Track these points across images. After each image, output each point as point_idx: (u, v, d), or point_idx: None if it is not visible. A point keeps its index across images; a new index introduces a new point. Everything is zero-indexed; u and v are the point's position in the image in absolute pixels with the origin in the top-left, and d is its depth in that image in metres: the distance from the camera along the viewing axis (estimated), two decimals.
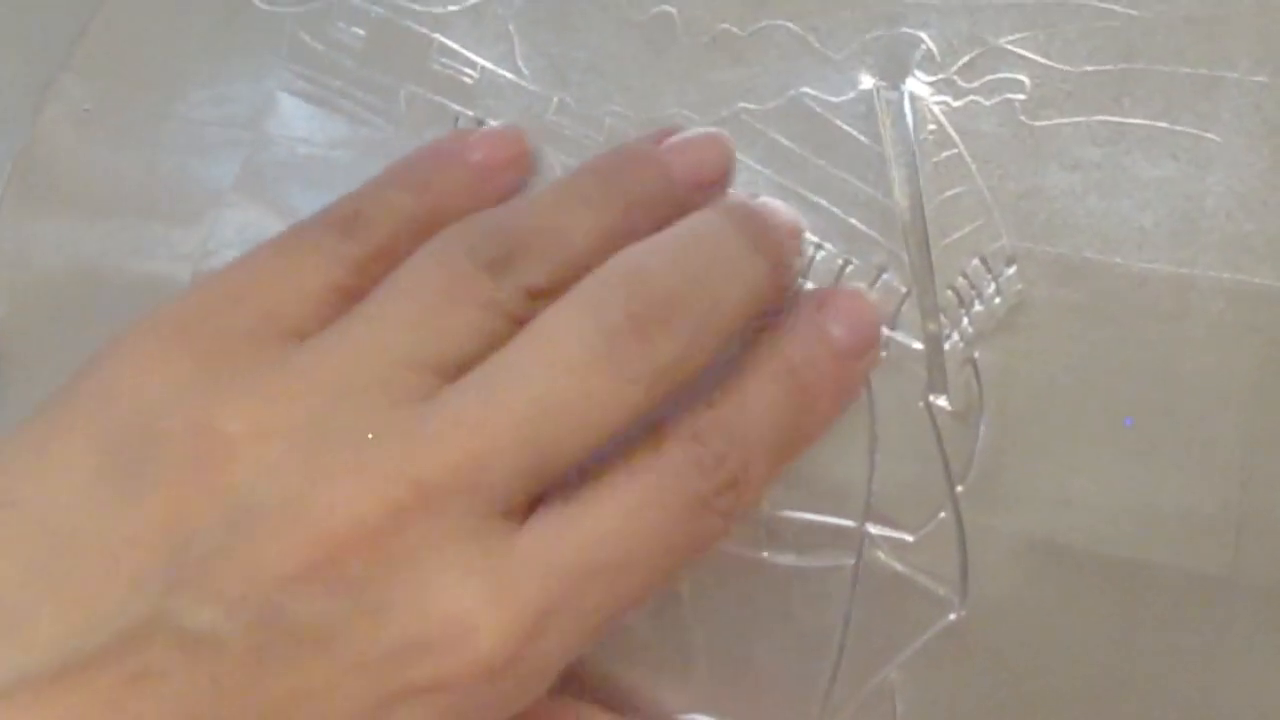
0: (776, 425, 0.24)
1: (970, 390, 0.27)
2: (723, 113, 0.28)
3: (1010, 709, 0.27)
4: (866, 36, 0.28)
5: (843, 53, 0.28)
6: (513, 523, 0.22)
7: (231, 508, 0.21)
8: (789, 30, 0.28)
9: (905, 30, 0.28)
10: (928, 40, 0.28)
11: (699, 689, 0.27)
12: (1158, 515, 0.27)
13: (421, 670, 0.21)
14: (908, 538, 0.27)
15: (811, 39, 0.28)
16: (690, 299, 0.23)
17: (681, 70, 0.28)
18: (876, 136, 0.27)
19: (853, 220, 0.28)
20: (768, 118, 0.28)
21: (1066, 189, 0.27)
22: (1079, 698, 0.27)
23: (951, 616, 0.27)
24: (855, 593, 0.27)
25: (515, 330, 0.23)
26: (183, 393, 0.22)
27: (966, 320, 0.27)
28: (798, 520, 0.27)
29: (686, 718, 0.27)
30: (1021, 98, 0.27)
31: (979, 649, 0.27)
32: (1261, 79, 0.27)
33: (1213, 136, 0.27)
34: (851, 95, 0.28)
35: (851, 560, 0.27)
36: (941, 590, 0.27)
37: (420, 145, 0.27)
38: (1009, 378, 0.27)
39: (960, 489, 0.27)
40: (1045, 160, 0.27)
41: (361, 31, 0.28)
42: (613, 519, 0.22)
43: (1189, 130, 0.27)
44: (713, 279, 0.23)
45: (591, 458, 0.23)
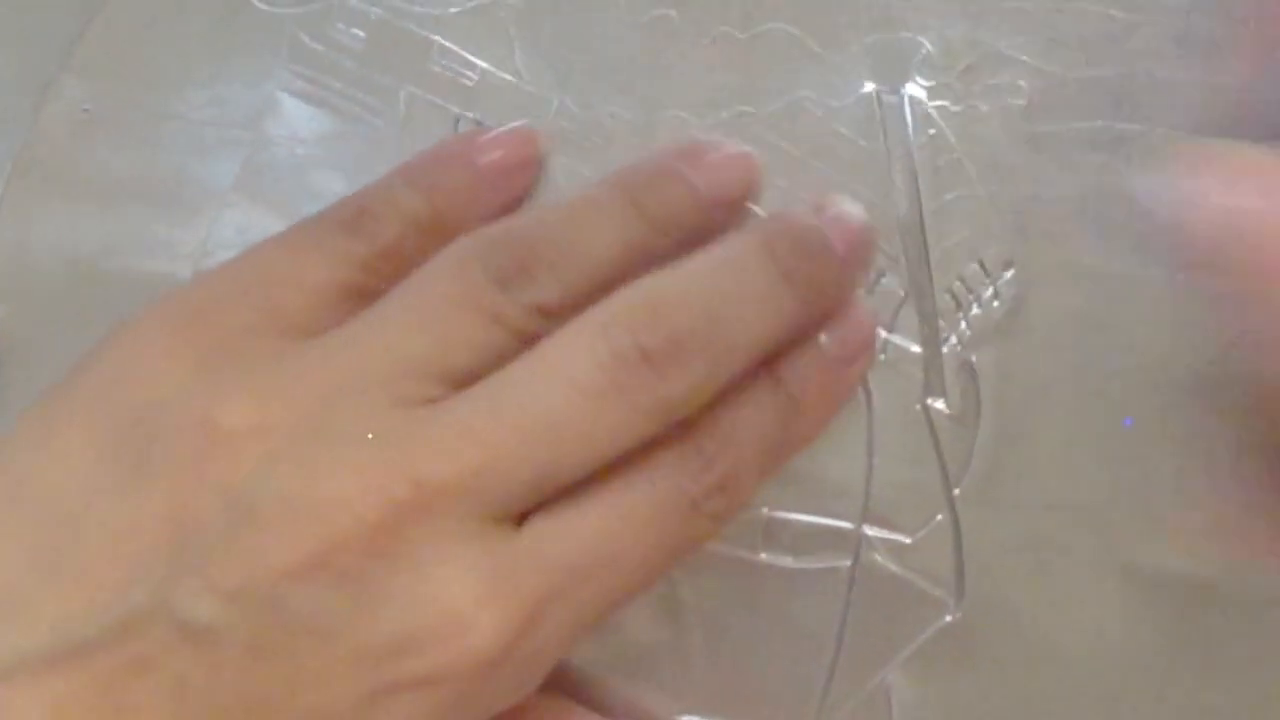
0: (766, 431, 0.24)
1: (968, 393, 0.27)
2: (722, 115, 0.28)
3: (1007, 710, 0.27)
4: (866, 40, 0.28)
5: (842, 56, 0.28)
6: (510, 526, 0.22)
7: (232, 499, 0.21)
8: (789, 34, 0.28)
9: (905, 34, 0.28)
10: (927, 44, 0.28)
11: (697, 690, 0.27)
12: (1154, 518, 0.27)
13: (417, 663, 0.21)
14: (905, 540, 0.27)
15: (811, 42, 0.28)
16: (707, 336, 0.23)
17: (681, 73, 0.28)
18: (876, 140, 0.28)
19: None
20: (767, 121, 0.28)
21: (1064, 193, 0.27)
22: (1075, 699, 0.27)
23: (948, 618, 0.27)
24: (852, 594, 0.27)
25: (520, 345, 0.23)
26: (186, 384, 0.22)
27: (964, 323, 0.27)
28: (795, 522, 0.27)
29: (684, 718, 0.27)
30: (1021, 102, 0.27)
31: (975, 650, 0.27)
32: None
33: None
34: (851, 99, 0.28)
35: (849, 562, 0.27)
36: (938, 592, 0.27)
37: (421, 147, 0.27)
38: (1006, 381, 0.27)
39: (957, 491, 0.27)
40: (1043, 164, 0.27)
41: (361, 33, 0.28)
42: (605, 518, 0.22)
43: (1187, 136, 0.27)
44: (734, 316, 0.23)
45: None
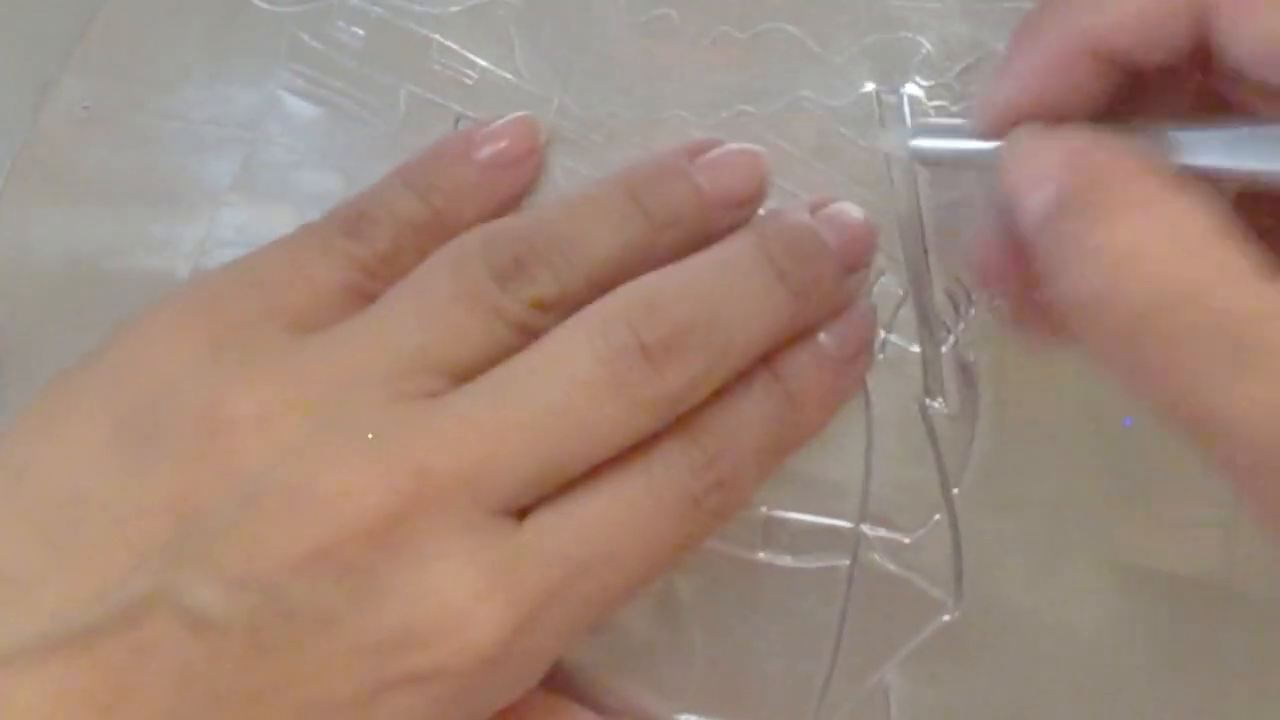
0: (766, 429, 0.24)
1: (967, 393, 0.27)
2: (722, 115, 0.28)
3: (1005, 710, 0.27)
4: (866, 40, 0.28)
5: (842, 56, 0.28)
6: (512, 520, 0.22)
7: (237, 487, 0.21)
8: (788, 34, 0.28)
9: (904, 34, 0.28)
10: (927, 44, 0.28)
11: (696, 689, 0.27)
12: (1153, 518, 0.27)
13: (417, 657, 0.21)
14: (903, 539, 0.27)
15: (811, 43, 0.28)
16: (705, 333, 0.23)
17: (681, 73, 0.28)
18: (875, 140, 0.28)
19: None
20: (767, 121, 0.28)
21: None
22: (1074, 699, 0.27)
23: (946, 618, 0.27)
24: (851, 594, 0.27)
25: (521, 340, 0.23)
26: (193, 373, 0.22)
27: (963, 324, 0.27)
28: (794, 521, 0.27)
29: (683, 717, 0.27)
30: None
31: (974, 650, 0.27)
32: None
33: None
34: (851, 99, 0.28)
35: (847, 561, 0.27)
36: (936, 591, 0.27)
37: (421, 146, 0.27)
38: (1005, 381, 0.27)
39: (956, 491, 0.27)
40: None
41: (361, 31, 0.28)
42: (607, 514, 0.22)
43: None
44: (731, 314, 0.23)
45: None
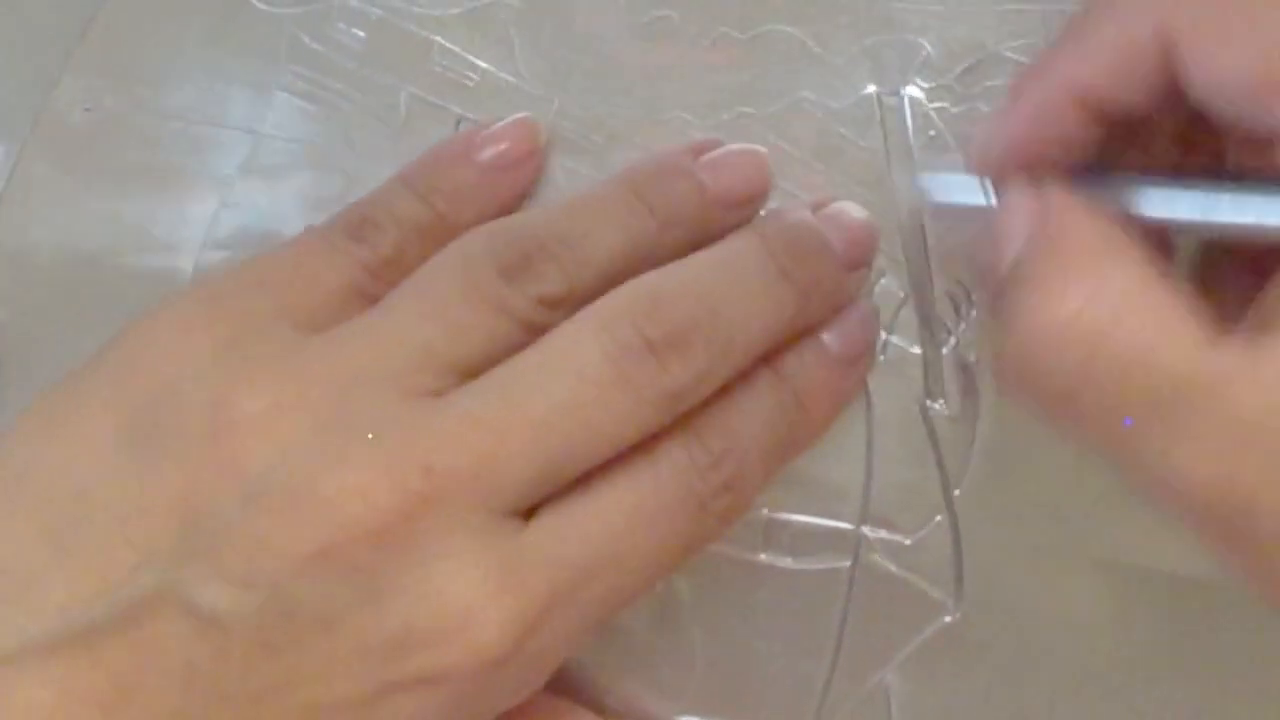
0: (771, 430, 0.24)
1: (967, 394, 0.27)
2: (723, 116, 0.28)
3: (1005, 711, 0.27)
4: (866, 42, 0.28)
5: (842, 58, 0.28)
6: (518, 521, 0.22)
7: (244, 485, 0.21)
8: (789, 35, 0.28)
9: (905, 36, 0.28)
10: (927, 46, 0.28)
11: (696, 690, 0.27)
12: (1153, 518, 0.27)
13: (422, 658, 0.21)
14: (904, 540, 0.27)
15: (811, 44, 0.28)
16: (709, 329, 0.23)
17: (681, 74, 0.28)
18: (876, 141, 0.28)
19: None
20: (767, 122, 0.28)
21: None
22: (1074, 699, 0.27)
23: (947, 619, 0.27)
24: (851, 595, 0.27)
25: (527, 337, 0.23)
26: (198, 371, 0.22)
27: (964, 325, 0.27)
28: (795, 523, 0.27)
29: (683, 718, 0.27)
30: None
31: (974, 651, 0.27)
32: None
33: None
34: (851, 100, 0.28)
35: (848, 563, 0.27)
36: (937, 593, 0.27)
37: (422, 148, 0.27)
38: None
39: (957, 492, 0.27)
40: None
41: (361, 33, 0.28)
42: (613, 516, 0.22)
43: None
44: (734, 309, 0.23)
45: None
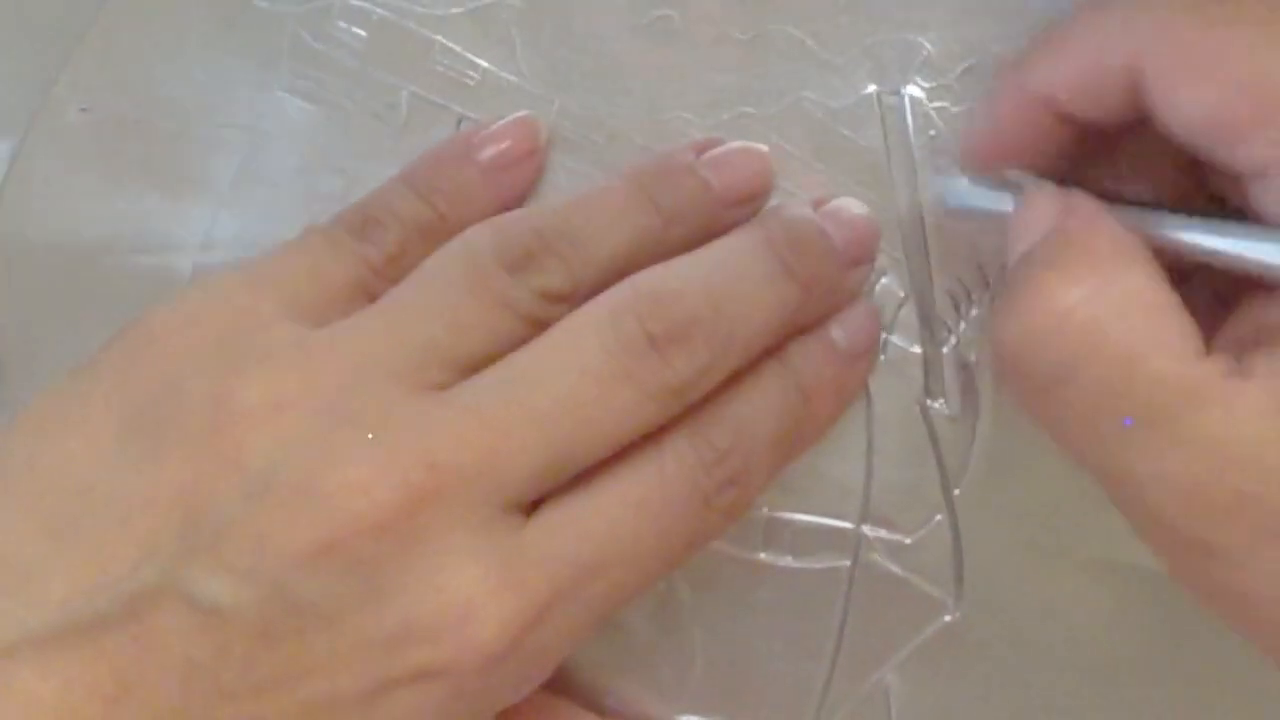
0: (778, 425, 0.24)
1: (967, 394, 0.27)
2: (723, 116, 0.28)
3: (1005, 710, 0.27)
4: (867, 41, 0.28)
5: (843, 58, 0.28)
6: (520, 517, 0.22)
7: (245, 480, 0.21)
8: (790, 35, 0.28)
9: (905, 36, 0.28)
10: (928, 45, 0.28)
11: (696, 689, 0.27)
12: None
13: (422, 654, 0.21)
14: (904, 540, 0.27)
15: (812, 44, 0.28)
16: (711, 324, 0.23)
17: (682, 74, 0.28)
18: (877, 141, 0.28)
19: None
20: (768, 122, 0.28)
21: None
22: (1074, 699, 0.27)
23: (947, 618, 0.27)
24: (851, 594, 0.27)
25: (530, 332, 0.23)
26: (201, 365, 0.22)
27: (964, 325, 0.27)
28: (795, 522, 0.27)
29: (683, 718, 0.27)
30: None
31: (974, 651, 0.27)
32: None
33: None
34: (852, 100, 0.28)
35: (848, 562, 0.27)
36: (937, 592, 0.27)
37: (423, 147, 0.27)
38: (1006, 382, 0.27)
39: (956, 492, 0.27)
40: None
41: (363, 32, 0.28)
42: (616, 513, 0.22)
43: None
44: (736, 304, 0.23)
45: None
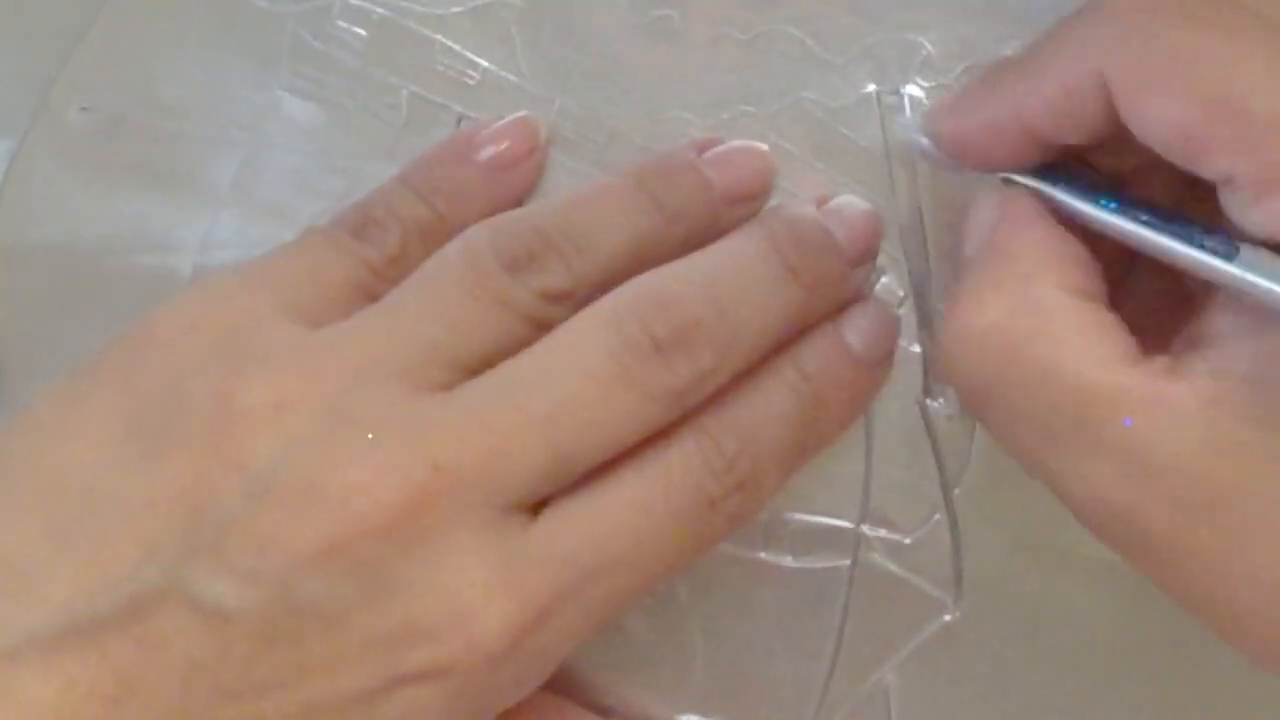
0: (788, 431, 0.24)
1: None
2: (724, 116, 0.28)
3: (1005, 710, 0.27)
4: (867, 41, 0.28)
5: (843, 57, 0.28)
6: (523, 518, 0.22)
7: (248, 480, 0.21)
8: (790, 35, 0.28)
9: (905, 36, 0.28)
10: (927, 45, 0.28)
11: (696, 689, 0.27)
12: None
13: (424, 654, 0.21)
14: (904, 539, 0.27)
15: (812, 44, 0.28)
16: (715, 327, 0.23)
17: (683, 73, 0.28)
18: (876, 141, 0.28)
19: None
20: (768, 122, 0.28)
21: None
22: (1073, 698, 0.27)
23: (946, 618, 0.27)
24: (851, 594, 0.27)
25: (532, 332, 0.23)
26: (205, 365, 0.22)
27: None
28: (794, 521, 0.27)
29: (683, 718, 0.27)
30: None
31: (974, 650, 0.27)
32: None
33: None
34: (852, 100, 0.28)
35: (847, 561, 0.27)
36: (936, 592, 0.27)
37: (423, 147, 0.27)
38: None
39: (956, 491, 0.27)
40: None
41: (363, 32, 0.28)
42: (619, 515, 0.22)
43: None
44: (740, 307, 0.23)
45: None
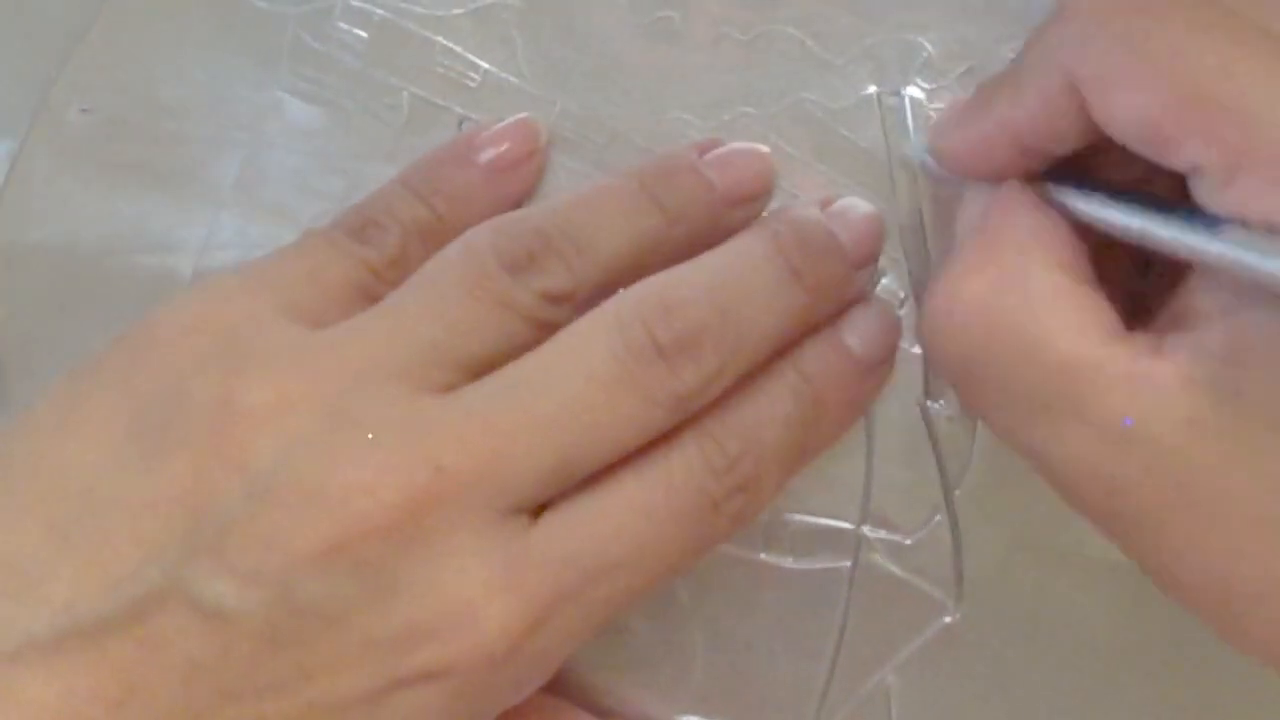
0: (790, 432, 0.24)
1: None
2: (724, 117, 0.28)
3: (1005, 710, 0.27)
4: (867, 42, 0.28)
5: (844, 58, 0.28)
6: (525, 519, 0.22)
7: (251, 479, 0.21)
8: (790, 35, 0.28)
9: (905, 36, 0.28)
10: (927, 46, 0.28)
11: (696, 690, 0.27)
12: None
13: (426, 654, 0.21)
14: (904, 540, 0.27)
15: (812, 44, 0.28)
16: (719, 331, 0.23)
17: (683, 74, 0.28)
18: (877, 142, 0.28)
19: None
20: (769, 122, 0.28)
21: None
22: (1073, 699, 0.27)
23: (947, 619, 0.27)
24: (851, 595, 0.27)
25: (534, 333, 0.23)
26: (206, 366, 0.22)
27: None
28: (795, 522, 0.27)
29: (684, 718, 0.27)
30: None
31: (974, 652, 0.27)
32: None
33: None
34: (852, 101, 0.28)
35: (848, 562, 0.27)
36: (937, 593, 0.27)
37: (423, 148, 0.27)
38: None
39: (957, 492, 0.27)
40: None
41: (364, 33, 0.28)
42: (621, 517, 0.22)
43: None
44: (745, 311, 0.23)
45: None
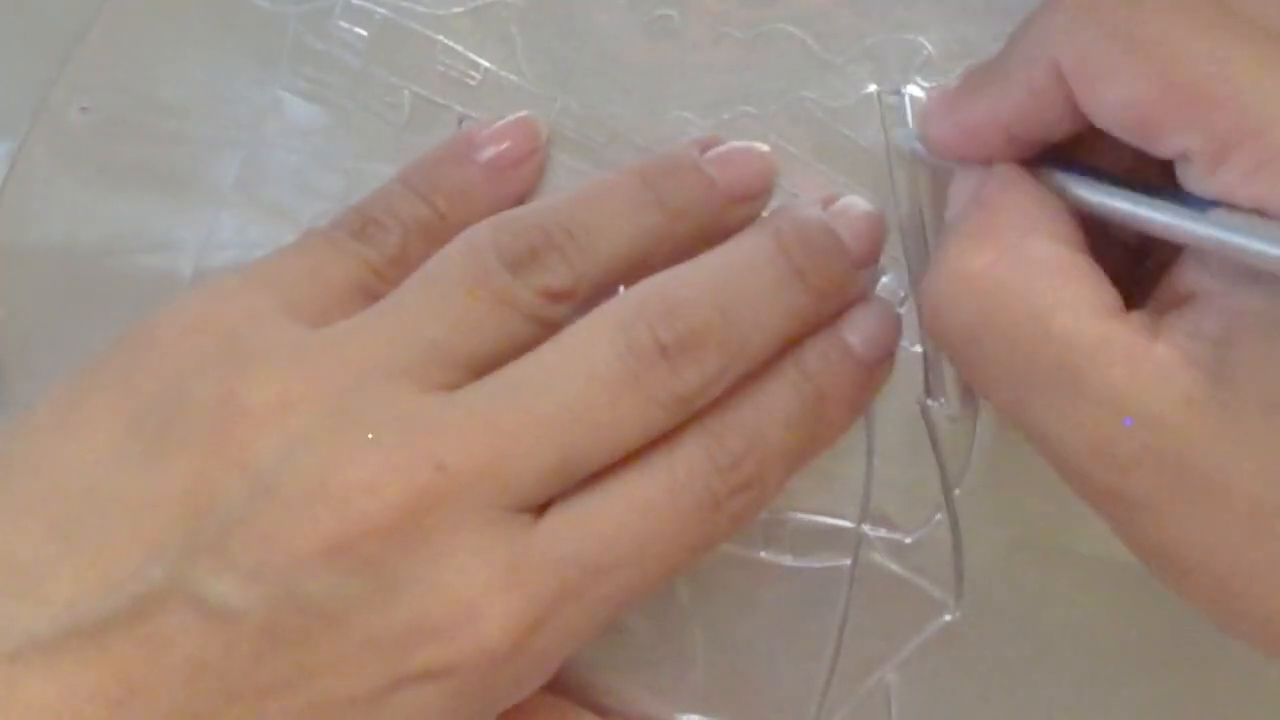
0: (792, 430, 0.24)
1: (968, 393, 0.27)
2: (724, 116, 0.28)
3: (1005, 710, 0.27)
4: (867, 41, 0.28)
5: (843, 58, 0.28)
6: (527, 518, 0.22)
7: (252, 478, 0.21)
8: (790, 34, 0.28)
9: (905, 36, 0.28)
10: (927, 46, 0.28)
11: (696, 689, 0.27)
12: None
13: (428, 653, 0.21)
14: (904, 539, 0.27)
15: (812, 43, 0.28)
16: (722, 332, 0.23)
17: (683, 73, 0.28)
18: (877, 141, 0.28)
19: None
20: (769, 122, 0.28)
21: None
22: (1072, 698, 0.27)
23: (947, 618, 0.27)
24: (852, 593, 0.27)
25: (535, 332, 0.23)
26: (208, 365, 0.22)
27: None
28: (795, 521, 0.27)
29: (684, 718, 0.27)
30: None
31: (974, 650, 0.27)
32: None
33: None
34: (852, 100, 0.28)
35: (848, 561, 0.27)
36: (937, 592, 0.27)
37: (424, 147, 0.27)
38: None
39: (957, 491, 0.27)
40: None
41: (364, 32, 0.28)
42: (624, 516, 0.22)
43: None
44: (747, 311, 0.23)
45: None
